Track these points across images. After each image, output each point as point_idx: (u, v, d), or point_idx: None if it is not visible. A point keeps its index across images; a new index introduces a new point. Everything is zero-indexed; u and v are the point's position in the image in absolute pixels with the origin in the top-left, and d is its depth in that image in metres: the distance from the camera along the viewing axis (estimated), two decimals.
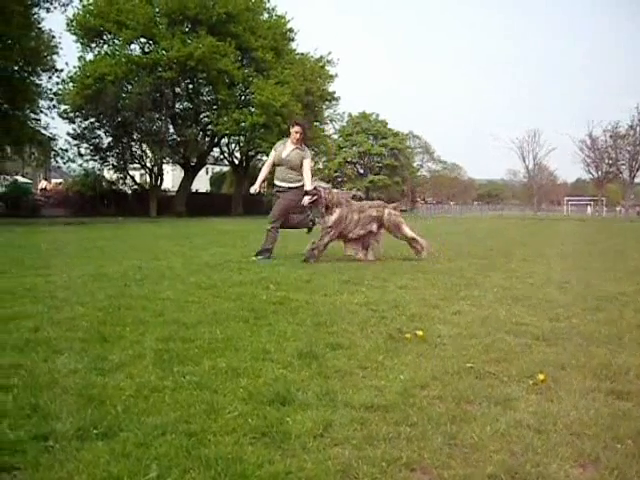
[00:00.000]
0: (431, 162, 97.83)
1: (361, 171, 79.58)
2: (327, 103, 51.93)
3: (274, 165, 10.38)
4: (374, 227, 9.95)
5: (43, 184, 48.18)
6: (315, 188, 9.81)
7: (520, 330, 4.62)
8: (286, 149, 10.21)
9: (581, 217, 52.36)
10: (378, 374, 3.44)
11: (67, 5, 32.43)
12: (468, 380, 3.37)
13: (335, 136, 72.31)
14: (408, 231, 10.17)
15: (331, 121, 58.22)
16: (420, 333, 4.35)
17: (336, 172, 77.24)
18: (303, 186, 10.05)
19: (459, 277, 7.74)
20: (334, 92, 50.89)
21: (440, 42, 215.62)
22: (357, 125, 77.51)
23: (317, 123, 49.78)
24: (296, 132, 10.21)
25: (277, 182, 10.26)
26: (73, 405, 2.81)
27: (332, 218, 9.64)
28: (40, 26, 31.69)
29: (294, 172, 10.09)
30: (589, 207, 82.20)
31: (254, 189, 10.75)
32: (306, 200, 9.71)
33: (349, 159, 77.59)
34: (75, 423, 2.59)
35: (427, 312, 5.28)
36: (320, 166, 71.58)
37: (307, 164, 10.25)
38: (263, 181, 10.82)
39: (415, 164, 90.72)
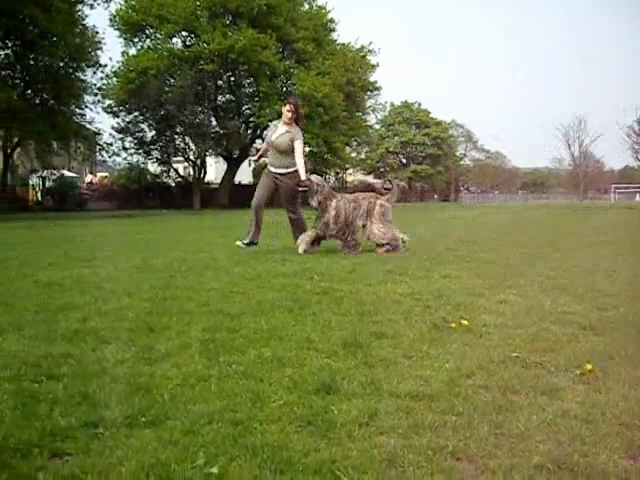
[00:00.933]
0: (474, 151, 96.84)
1: (404, 161, 79.22)
2: (369, 93, 51.73)
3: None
4: (364, 219, 9.37)
5: (89, 178, 48.98)
6: (309, 179, 9.19)
7: (567, 319, 4.55)
8: (277, 131, 9.41)
9: (629, 205, 51.31)
10: (423, 363, 3.43)
11: (110, 1, 32.92)
12: (514, 370, 3.34)
13: (377, 126, 72.06)
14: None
15: (373, 111, 57.95)
16: (465, 322, 4.32)
17: (378, 162, 77.06)
18: (295, 172, 9.29)
19: (504, 266, 7.66)
20: (376, 82, 50.66)
21: (483, 28, 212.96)
22: (399, 115, 77.13)
23: (359, 113, 49.66)
24: (288, 111, 9.33)
25: (272, 168, 9.53)
26: (121, 393, 2.86)
27: (331, 215, 9.03)
28: (84, 22, 32.24)
29: (286, 156, 9.32)
30: (638, 195, 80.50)
31: (254, 159, 9.97)
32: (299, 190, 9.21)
33: (391, 149, 77.28)
34: (123, 411, 2.63)
35: (472, 301, 5.24)
36: (362, 156, 71.50)
37: (298, 146, 9.30)
38: (260, 156, 10.41)
39: (458, 153, 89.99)
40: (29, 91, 31.79)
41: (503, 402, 2.86)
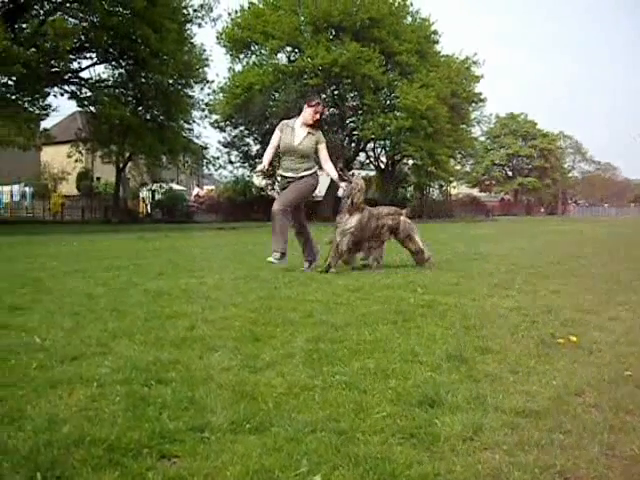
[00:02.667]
0: (583, 162, 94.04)
1: (509, 173, 77.65)
2: (473, 105, 51.11)
3: (279, 149, 8.62)
4: (387, 236, 8.75)
5: (196, 191, 50.34)
6: (353, 175, 8.60)
7: None
8: (297, 134, 8.46)
9: None
10: (529, 379, 3.35)
11: (217, 20, 33.88)
12: (626, 389, 3.20)
13: (482, 138, 70.99)
14: (419, 242, 8.84)
15: (478, 123, 57.23)
16: (574, 339, 4.19)
17: (484, 175, 75.88)
18: (315, 173, 8.63)
19: (615, 282, 7.38)
20: (480, 93, 50.03)
21: (590, 37, 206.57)
22: (505, 126, 75.74)
23: (463, 125, 49.11)
24: (316, 112, 8.48)
25: (285, 173, 8.62)
26: (227, 400, 2.92)
27: (353, 220, 8.26)
28: (192, 41, 33.27)
29: (306, 160, 8.49)
30: None
31: (261, 167, 8.87)
32: (342, 189, 8.39)
33: (497, 161, 75.92)
34: (229, 417, 2.69)
35: (581, 317, 5.08)
36: (467, 169, 70.56)
37: (324, 149, 8.60)
38: (270, 163, 8.89)
39: (566, 165, 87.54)
40: (140, 107, 33.11)
41: (615, 422, 2.75)
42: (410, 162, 50.11)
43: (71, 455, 2.29)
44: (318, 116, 8.49)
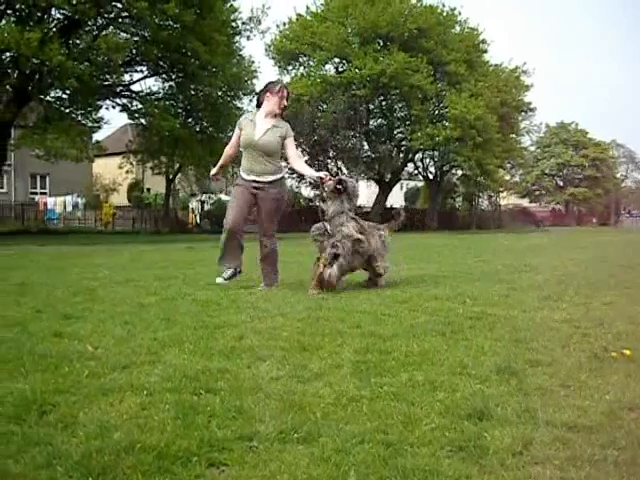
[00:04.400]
0: (637, 172, 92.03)
1: (560, 183, 76.47)
2: (523, 114, 50.64)
3: (239, 147, 7.60)
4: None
5: None
6: (343, 180, 7.37)
7: None
8: (258, 127, 7.32)
9: None
10: (581, 393, 3.29)
11: (265, 32, 34.21)
12: None
13: (532, 148, 70.15)
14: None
15: (527, 132, 56.65)
16: (628, 352, 4.10)
17: (533, 185, 74.87)
18: (283, 179, 7.63)
19: None
20: (530, 103, 49.53)
21: None
22: (555, 136, 74.69)
23: (513, 135, 48.66)
24: (282, 98, 7.42)
25: (249, 176, 7.37)
26: (275, 409, 2.93)
27: (346, 228, 7.16)
28: (241, 53, 33.61)
29: (272, 159, 7.36)
30: None
31: (212, 172, 8.19)
32: (330, 185, 7.16)
33: (547, 171, 74.83)
34: (277, 426, 2.70)
35: (635, 330, 4.96)
36: (517, 179, 69.78)
37: (292, 144, 7.51)
38: (222, 167, 8.15)
39: (619, 175, 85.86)
40: (190, 119, 33.54)
41: None
42: (459, 172, 49.83)
43: (122, 461, 2.33)
44: (285, 102, 7.47)
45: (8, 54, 23.62)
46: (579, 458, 2.46)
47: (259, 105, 7.58)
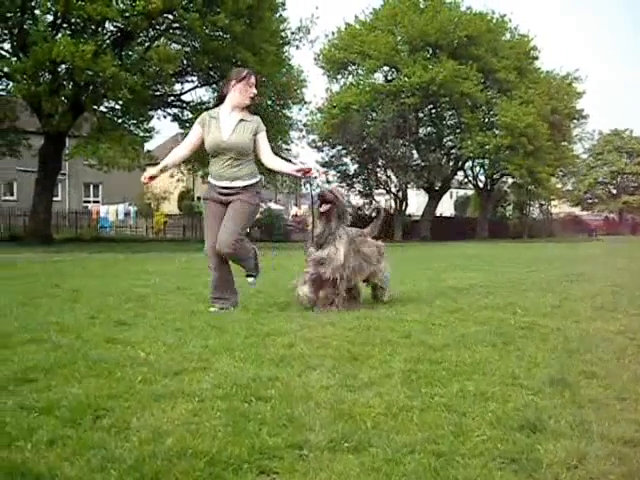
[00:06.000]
0: None
1: (613, 191, 75.05)
2: (575, 121, 49.99)
3: (199, 149, 6.43)
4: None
5: (294, 210, 50.94)
6: (330, 191, 6.37)
7: None
8: (224, 125, 6.22)
9: None
10: (637, 407, 3.21)
11: (314, 41, 34.39)
12: None
13: (584, 156, 69.10)
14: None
15: (580, 140, 55.92)
16: None
17: (586, 193, 73.65)
18: (259, 183, 6.54)
19: None
20: (582, 110, 48.87)
21: None
22: (608, 143, 73.42)
23: (565, 142, 48.03)
24: (249, 85, 6.29)
25: (218, 182, 6.26)
26: (325, 418, 2.92)
27: (341, 251, 6.20)
28: (290, 62, 33.84)
29: (245, 160, 6.28)
30: None
31: (149, 173, 6.58)
32: (323, 207, 6.21)
33: (600, 179, 73.56)
34: (327, 435, 2.69)
35: None
36: (569, 187, 68.76)
37: (264, 139, 6.42)
38: (164, 170, 6.55)
39: None
40: None
41: None
42: (509, 181, 49.36)
43: (174, 467, 2.35)
44: (254, 90, 6.34)
45: (63, 66, 24.15)
46: (636, 474, 2.40)
47: (222, 99, 6.41)
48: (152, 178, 6.57)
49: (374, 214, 7.26)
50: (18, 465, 2.33)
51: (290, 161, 5.94)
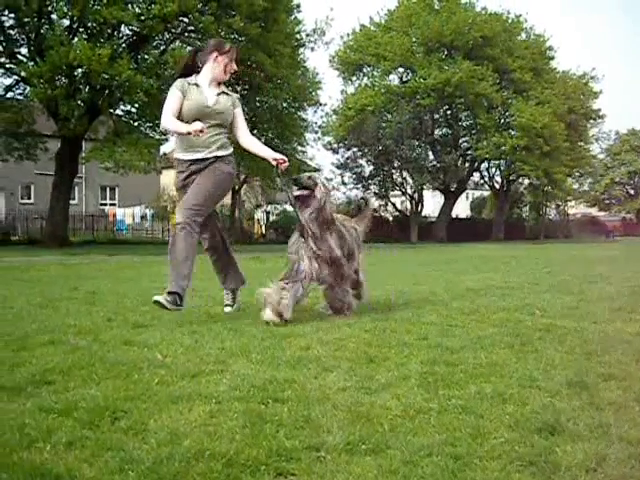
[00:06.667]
0: None
1: (631, 192, 74.52)
2: (592, 121, 49.73)
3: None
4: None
5: None
6: (310, 177, 5.86)
7: None
8: (205, 93, 5.77)
9: None
10: None
11: (329, 43, 34.49)
12: None
13: (601, 156, 68.67)
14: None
15: (596, 140, 55.61)
16: None
17: (603, 194, 73.18)
18: (232, 155, 6.07)
19: None
20: (599, 109, 48.62)
21: None
22: (626, 143, 72.89)
23: (581, 143, 47.78)
24: (231, 60, 5.91)
25: (191, 156, 5.74)
26: (342, 420, 2.92)
27: (333, 243, 5.70)
28: (305, 64, 33.92)
29: (222, 132, 5.87)
30: None
31: (196, 128, 5.37)
32: (295, 192, 5.78)
33: (617, 179, 73.06)
34: (344, 437, 2.68)
35: None
36: (585, 188, 68.37)
37: (241, 116, 6.07)
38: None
39: None
40: (255, 131, 33.87)
41: None
42: (526, 181, 49.17)
43: (192, 468, 2.36)
44: (235, 66, 5.98)
45: (80, 70, 24.32)
46: None
47: (193, 68, 5.95)
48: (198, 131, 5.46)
49: (362, 206, 6.66)
50: (38, 466, 2.35)
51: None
